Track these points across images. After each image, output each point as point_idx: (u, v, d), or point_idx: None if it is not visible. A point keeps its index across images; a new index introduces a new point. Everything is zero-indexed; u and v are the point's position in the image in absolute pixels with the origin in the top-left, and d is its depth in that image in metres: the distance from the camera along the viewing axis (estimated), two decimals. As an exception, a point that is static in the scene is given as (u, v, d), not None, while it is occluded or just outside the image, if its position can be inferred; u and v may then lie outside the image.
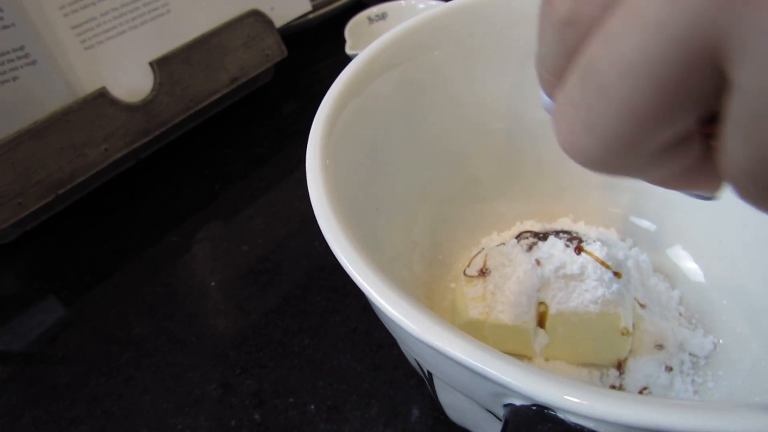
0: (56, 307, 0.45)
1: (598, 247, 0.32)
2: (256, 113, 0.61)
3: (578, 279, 0.31)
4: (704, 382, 0.31)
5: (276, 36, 0.57)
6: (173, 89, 0.50)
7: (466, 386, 0.20)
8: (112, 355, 0.40)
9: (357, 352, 0.38)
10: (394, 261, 0.31)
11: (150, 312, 0.43)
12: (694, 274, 0.35)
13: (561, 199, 0.39)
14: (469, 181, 0.38)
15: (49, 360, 0.41)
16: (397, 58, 0.32)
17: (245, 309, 0.42)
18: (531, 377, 0.17)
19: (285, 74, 0.64)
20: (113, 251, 0.48)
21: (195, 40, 0.51)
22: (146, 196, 0.53)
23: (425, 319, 0.18)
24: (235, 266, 0.46)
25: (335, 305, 0.41)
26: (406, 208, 0.33)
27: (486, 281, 0.33)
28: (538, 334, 0.33)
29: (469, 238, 0.39)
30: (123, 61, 0.48)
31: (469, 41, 0.35)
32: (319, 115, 0.27)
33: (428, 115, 0.34)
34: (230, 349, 0.40)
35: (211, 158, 0.56)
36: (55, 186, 0.44)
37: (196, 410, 0.36)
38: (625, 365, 0.33)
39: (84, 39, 0.46)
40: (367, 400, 0.36)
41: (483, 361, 0.17)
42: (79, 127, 0.45)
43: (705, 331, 0.33)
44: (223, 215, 0.51)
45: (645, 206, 0.37)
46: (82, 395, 0.38)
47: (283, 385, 0.37)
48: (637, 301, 0.34)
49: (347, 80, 0.29)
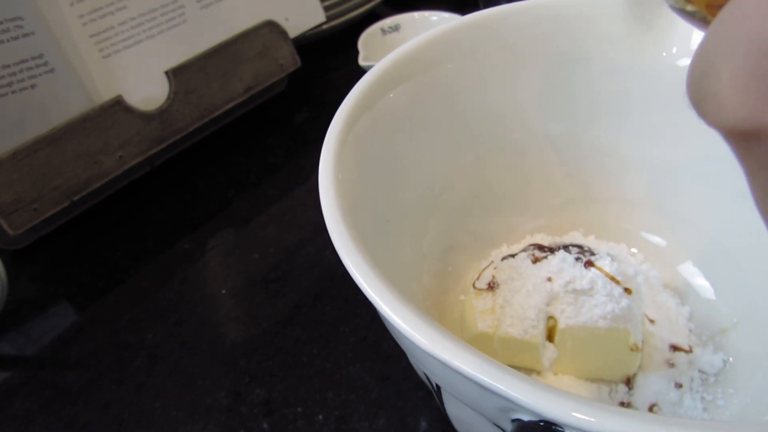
0: (70, 311, 0.45)
1: (608, 262, 0.32)
2: (270, 122, 0.62)
3: (587, 294, 0.31)
4: (714, 400, 0.31)
5: (290, 46, 0.58)
6: (188, 98, 0.51)
7: (474, 400, 0.20)
8: (124, 361, 0.41)
9: (366, 361, 0.38)
10: (404, 273, 0.32)
11: (162, 318, 0.43)
12: (704, 290, 0.35)
13: (571, 213, 0.40)
14: (479, 194, 0.38)
15: (62, 365, 0.41)
16: (409, 72, 0.32)
17: (256, 317, 0.42)
18: (539, 393, 0.17)
19: (299, 84, 0.65)
20: (127, 257, 0.49)
21: (210, 49, 0.52)
22: (160, 203, 0.54)
23: (434, 333, 0.18)
24: (246, 274, 0.46)
25: (345, 314, 0.41)
26: (416, 220, 0.34)
27: (495, 294, 0.34)
28: (546, 349, 0.33)
29: (479, 250, 0.39)
30: (139, 69, 0.49)
31: (481, 56, 0.35)
32: (332, 129, 0.27)
33: (439, 128, 0.35)
34: (240, 357, 0.40)
35: (225, 166, 0.57)
36: (70, 192, 0.45)
37: (206, 418, 0.37)
38: (635, 381, 0.33)
39: (102, 48, 0.46)
40: (375, 410, 0.36)
41: (491, 376, 0.17)
42: (95, 134, 0.45)
43: (715, 348, 0.33)
44: (235, 223, 0.51)
45: (656, 222, 0.37)
46: (94, 401, 0.39)
47: (292, 394, 0.37)
48: (646, 317, 0.34)
49: (360, 94, 0.30)
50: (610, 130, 0.37)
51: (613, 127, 0.37)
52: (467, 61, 0.35)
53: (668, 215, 0.37)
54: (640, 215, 0.38)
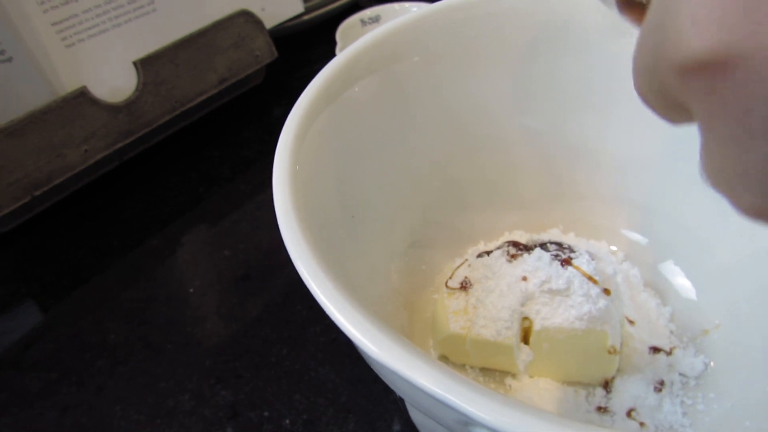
0: (33, 311, 0.44)
1: (586, 260, 0.31)
2: (246, 115, 0.60)
3: (564, 294, 0.30)
4: (694, 404, 0.30)
5: (266, 37, 0.56)
6: (158, 89, 0.49)
7: (432, 412, 0.19)
8: (85, 363, 0.39)
9: (336, 363, 0.37)
10: (370, 271, 0.30)
11: (127, 318, 0.42)
12: (686, 290, 0.34)
13: (551, 209, 0.38)
14: (454, 189, 0.36)
15: (20, 366, 0.39)
16: (378, 62, 0.31)
17: (224, 316, 0.41)
18: (495, 407, 0.15)
19: (277, 76, 0.63)
20: (93, 255, 0.47)
21: (182, 39, 0.50)
22: (129, 199, 0.52)
23: (386, 340, 0.17)
24: (216, 272, 0.44)
25: (316, 315, 0.40)
26: (384, 216, 0.32)
27: (468, 294, 0.32)
28: (521, 351, 0.31)
29: (455, 247, 0.37)
30: (105, 60, 0.47)
31: (456, 44, 0.33)
32: (292, 118, 0.26)
33: (410, 121, 0.33)
34: (206, 358, 0.38)
35: (197, 161, 0.55)
36: (32, 187, 0.43)
37: (168, 422, 0.35)
38: (612, 385, 0.31)
39: (65, 36, 0.44)
40: (344, 414, 0.34)
41: (446, 389, 0.16)
42: (58, 126, 0.43)
43: (696, 351, 0.32)
44: (207, 219, 0.49)
45: (637, 219, 0.36)
46: (52, 404, 0.37)
47: (258, 396, 0.36)
48: (626, 318, 0.33)
49: (323, 83, 0.28)
50: (590, 125, 0.36)
51: (594, 121, 0.36)
52: (440, 50, 0.33)
53: (649, 212, 0.35)
54: (620, 212, 0.36)
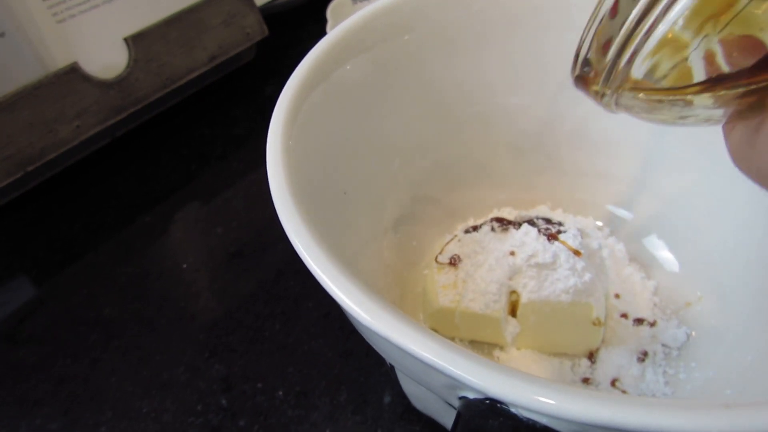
0: (26, 286, 0.44)
1: (572, 235, 0.32)
2: (237, 93, 0.60)
3: (550, 268, 0.31)
4: (676, 374, 0.31)
5: (257, 14, 0.56)
6: (149, 66, 0.49)
7: (422, 378, 0.20)
8: (79, 337, 0.40)
9: (329, 337, 0.38)
10: (363, 246, 0.31)
11: (120, 293, 0.42)
12: (669, 264, 0.35)
13: (538, 186, 0.39)
14: (443, 166, 0.37)
15: (15, 340, 0.40)
16: (369, 40, 0.31)
17: (217, 292, 0.41)
18: (483, 370, 0.16)
19: (269, 54, 0.63)
20: (86, 231, 0.47)
21: (172, 16, 0.50)
22: (121, 176, 0.52)
23: (377, 308, 0.18)
24: (209, 248, 0.45)
25: (308, 290, 0.41)
26: (375, 192, 0.33)
27: (458, 269, 0.33)
28: (509, 323, 0.32)
29: (445, 223, 0.38)
30: (97, 36, 0.47)
31: (444, 23, 0.34)
32: (284, 95, 0.26)
33: (401, 99, 0.33)
34: (200, 332, 0.39)
35: (189, 138, 0.55)
36: (24, 162, 0.43)
37: (163, 394, 0.36)
38: (597, 356, 0.32)
39: (56, 12, 0.44)
40: (336, 386, 0.35)
41: (435, 353, 0.17)
42: (49, 102, 0.44)
43: (679, 323, 0.33)
44: (199, 197, 0.50)
45: (622, 194, 0.37)
46: (48, 376, 0.37)
47: (252, 370, 0.37)
48: (612, 292, 0.34)
49: (316, 60, 0.28)
50: (574, 103, 0.36)
51: (578, 99, 0.36)
52: (430, 29, 0.33)
53: (634, 188, 0.36)
54: (606, 188, 0.37)
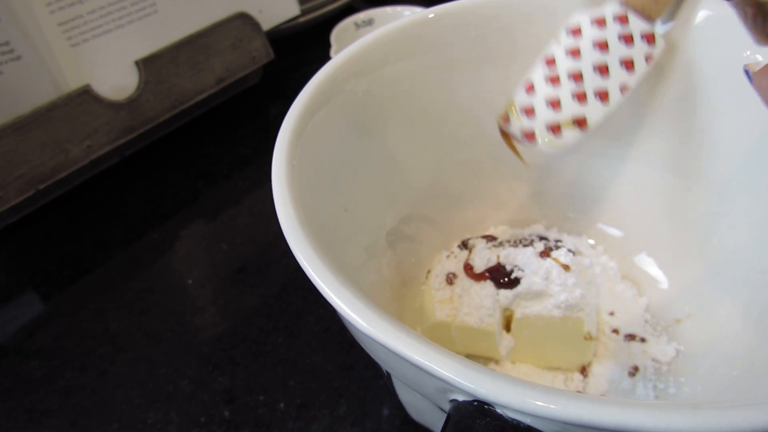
0: (35, 300, 0.45)
1: (564, 252, 0.33)
2: (243, 114, 0.62)
3: (544, 294, 0.32)
4: (665, 388, 0.32)
5: (263, 39, 0.58)
6: (158, 88, 0.51)
7: (414, 382, 0.21)
8: (87, 349, 0.41)
9: (329, 351, 0.39)
10: (363, 263, 0.32)
11: (127, 307, 0.43)
12: (660, 281, 0.36)
13: (534, 205, 0.40)
14: (441, 186, 0.38)
15: (24, 353, 0.41)
16: (372, 64, 0.32)
17: (221, 307, 0.43)
18: (470, 372, 0.17)
19: (273, 77, 0.65)
20: (94, 247, 0.49)
21: (181, 40, 0.52)
22: (129, 193, 0.53)
23: (372, 314, 0.19)
24: (213, 264, 0.46)
25: (310, 305, 0.42)
26: (375, 210, 0.34)
27: (454, 285, 0.34)
28: (504, 337, 0.33)
29: (442, 241, 0.39)
30: (109, 59, 0.48)
31: (445, 48, 0.35)
32: (290, 116, 0.28)
33: (401, 121, 0.35)
34: (204, 345, 0.40)
35: (196, 157, 0.57)
36: (36, 180, 0.45)
37: (168, 405, 0.37)
38: (590, 370, 0.33)
39: (70, 36, 0.46)
40: (336, 398, 0.36)
41: (427, 357, 0.18)
42: (62, 123, 0.45)
43: (669, 338, 0.34)
44: (205, 214, 0.51)
45: (613, 213, 0.38)
46: (56, 388, 0.38)
47: (254, 382, 0.37)
48: (605, 309, 0.35)
49: (320, 83, 0.30)
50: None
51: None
52: (430, 56, 0.35)
53: (624, 207, 0.37)
54: (598, 207, 0.38)
